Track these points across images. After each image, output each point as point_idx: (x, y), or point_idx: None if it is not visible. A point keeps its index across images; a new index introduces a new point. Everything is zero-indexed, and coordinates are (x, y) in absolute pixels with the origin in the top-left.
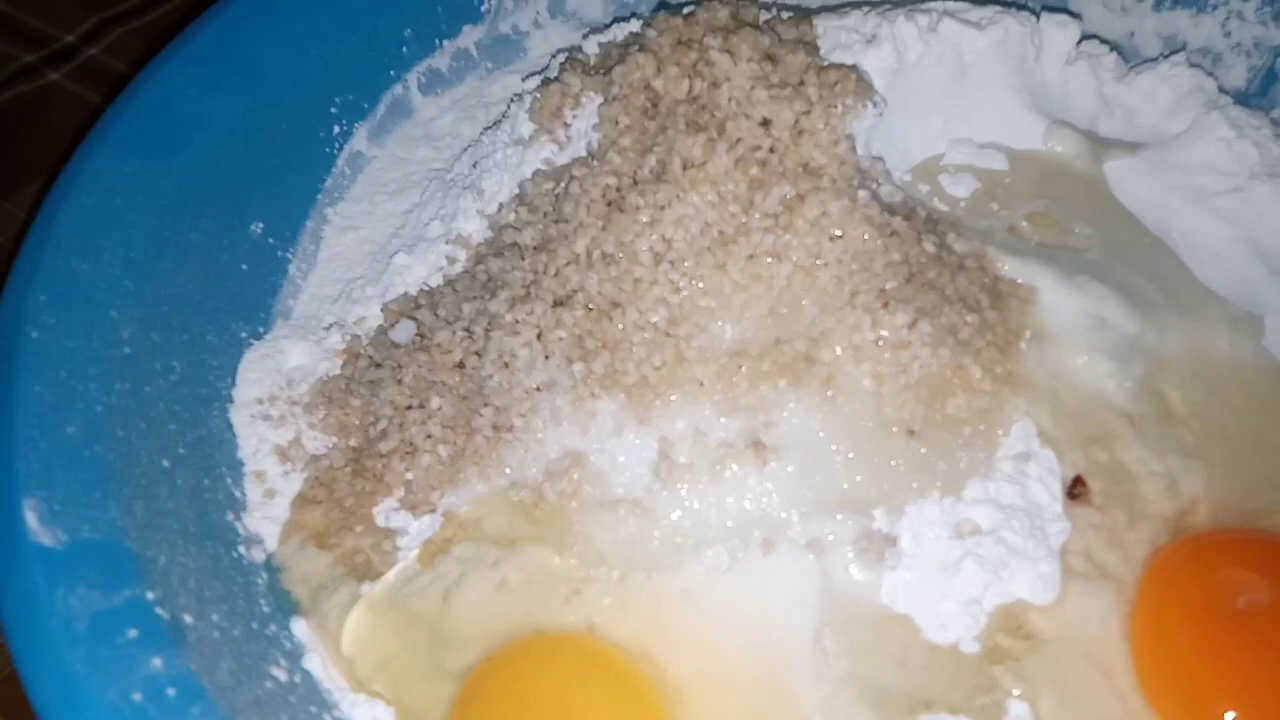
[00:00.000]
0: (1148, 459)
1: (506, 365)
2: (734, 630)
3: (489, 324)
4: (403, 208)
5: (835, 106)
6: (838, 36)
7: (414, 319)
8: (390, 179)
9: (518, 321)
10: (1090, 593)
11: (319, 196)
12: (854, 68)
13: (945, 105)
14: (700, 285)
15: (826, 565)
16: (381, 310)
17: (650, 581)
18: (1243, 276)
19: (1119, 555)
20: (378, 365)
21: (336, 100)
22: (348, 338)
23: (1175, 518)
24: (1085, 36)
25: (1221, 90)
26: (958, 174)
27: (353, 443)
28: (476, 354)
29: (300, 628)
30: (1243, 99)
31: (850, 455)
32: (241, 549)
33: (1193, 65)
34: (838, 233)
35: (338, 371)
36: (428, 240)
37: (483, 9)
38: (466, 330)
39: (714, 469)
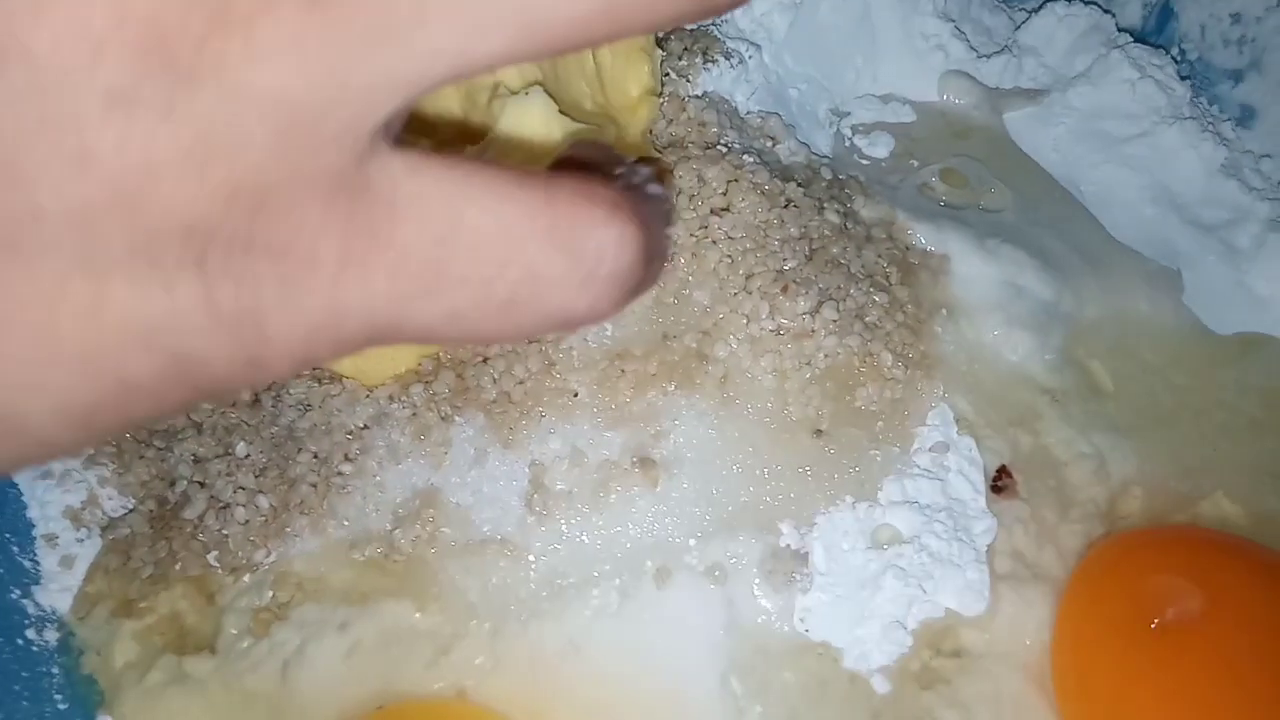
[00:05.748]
0: (1074, 439)
1: (312, 408)
2: (629, 681)
3: None
4: None
5: (668, 74)
6: None
7: None
8: None
9: (316, 367)
10: (1022, 598)
11: None
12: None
13: (855, 56)
14: None
15: (730, 593)
16: None
17: (528, 633)
18: (1156, 228)
19: (1051, 552)
20: None
21: None
22: None
23: (1108, 504)
24: None
25: (1119, 29)
26: (873, 133)
27: (150, 507)
28: (271, 391)
29: None
30: (1139, 38)
31: (751, 464)
32: (30, 633)
33: (1088, 3)
34: (722, 204)
35: None
36: None
37: None
38: None
39: (596, 494)
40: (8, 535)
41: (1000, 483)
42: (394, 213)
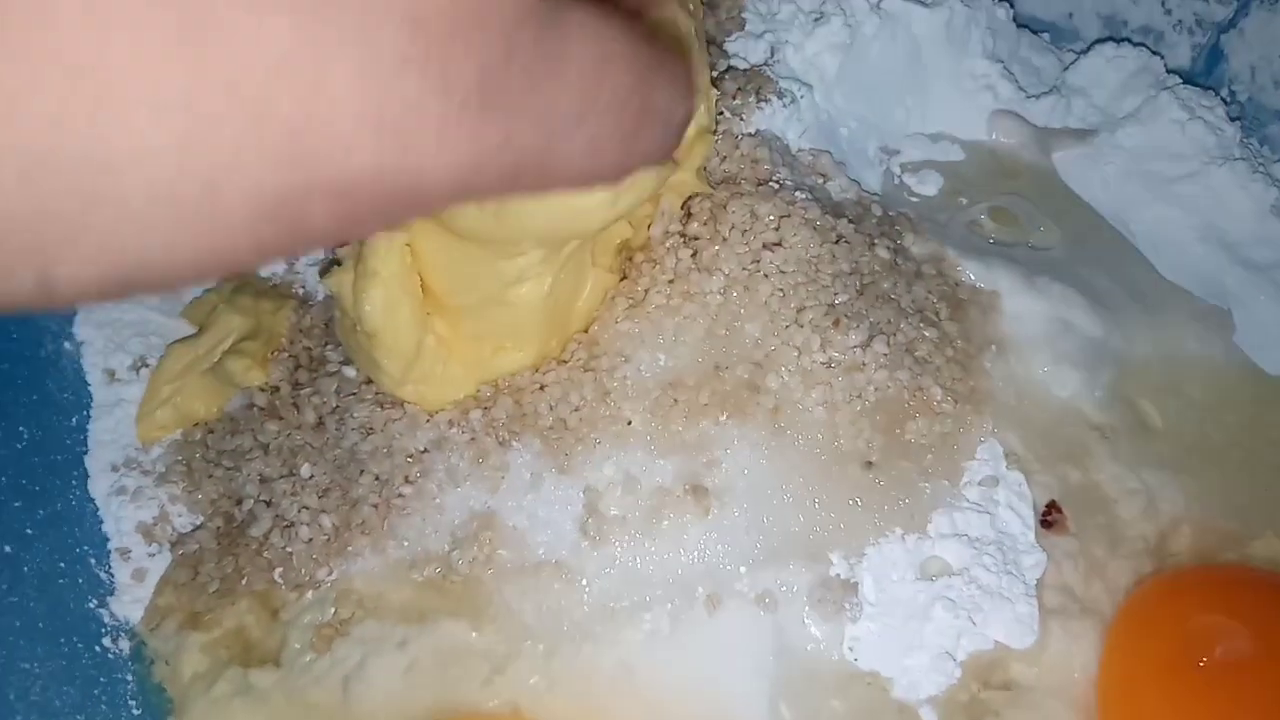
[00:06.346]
0: (1123, 476)
1: (374, 431)
2: (678, 706)
3: (339, 386)
4: None
5: (722, 112)
6: (788, 13)
7: None
8: None
9: (379, 392)
10: (1070, 633)
11: None
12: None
13: (905, 95)
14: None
15: (780, 621)
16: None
17: (581, 654)
18: (1206, 267)
19: (1100, 587)
20: (235, 432)
21: None
22: None
23: (1157, 541)
24: (1022, 22)
25: (1168, 70)
26: (921, 170)
27: (218, 524)
28: (335, 415)
29: None
30: (1188, 79)
31: (802, 494)
32: (106, 641)
33: (1137, 44)
34: (774, 239)
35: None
36: None
37: None
38: (312, 386)
39: (650, 520)
40: (86, 548)
41: (1050, 518)
42: (566, 34)
